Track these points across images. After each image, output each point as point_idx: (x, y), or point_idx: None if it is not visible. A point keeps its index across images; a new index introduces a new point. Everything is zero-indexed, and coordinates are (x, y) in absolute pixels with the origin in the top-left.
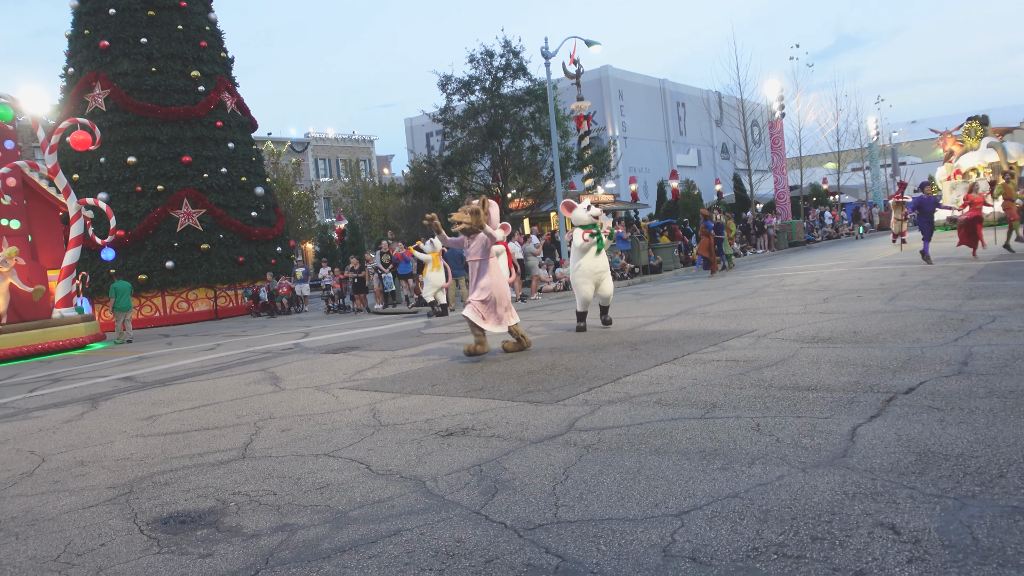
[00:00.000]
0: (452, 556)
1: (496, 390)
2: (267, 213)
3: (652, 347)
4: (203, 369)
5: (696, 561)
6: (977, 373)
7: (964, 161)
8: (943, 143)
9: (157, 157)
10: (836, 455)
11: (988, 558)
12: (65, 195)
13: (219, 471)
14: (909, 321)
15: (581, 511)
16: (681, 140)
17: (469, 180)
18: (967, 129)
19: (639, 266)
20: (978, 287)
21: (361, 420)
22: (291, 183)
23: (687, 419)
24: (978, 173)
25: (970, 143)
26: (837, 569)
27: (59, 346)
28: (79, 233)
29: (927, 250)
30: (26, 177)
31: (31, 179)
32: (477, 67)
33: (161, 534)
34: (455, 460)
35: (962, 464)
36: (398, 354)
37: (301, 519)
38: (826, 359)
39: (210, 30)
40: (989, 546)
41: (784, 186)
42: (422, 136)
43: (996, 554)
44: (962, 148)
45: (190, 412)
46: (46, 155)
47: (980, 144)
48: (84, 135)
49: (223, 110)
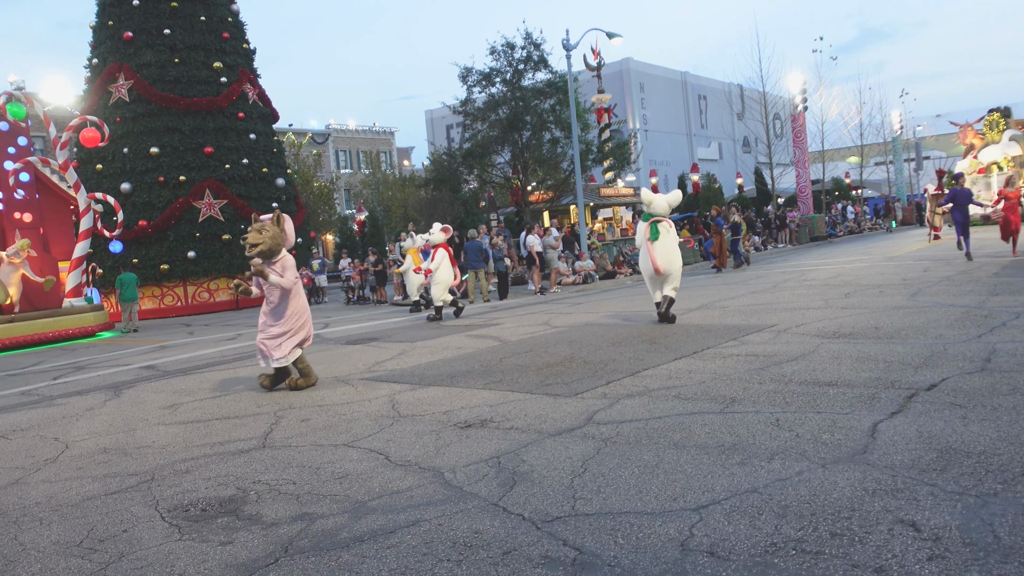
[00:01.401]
0: (470, 547)
1: (515, 382)
2: (288, 204)
3: (671, 341)
4: (224, 359)
5: (714, 555)
6: (1000, 370)
7: (985, 155)
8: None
9: (179, 148)
10: (856, 451)
11: (1010, 556)
12: (75, 189)
13: (239, 460)
14: (931, 317)
15: (599, 504)
16: (702, 133)
17: (489, 172)
18: (988, 121)
19: None
20: (1002, 283)
21: (380, 411)
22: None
23: (706, 413)
24: (1000, 168)
25: (991, 136)
26: (856, 565)
27: (69, 334)
28: (88, 226)
29: (968, 248)
30: (38, 172)
31: (43, 174)
32: (498, 59)
33: (182, 521)
34: (473, 452)
35: (984, 462)
36: (417, 346)
37: (320, 508)
38: (847, 355)
39: (232, 21)
40: (1011, 544)
41: (806, 180)
42: (442, 128)
43: (1018, 553)
44: (983, 141)
45: (211, 401)
46: (57, 151)
47: (1002, 137)
48: (93, 132)
49: (245, 101)
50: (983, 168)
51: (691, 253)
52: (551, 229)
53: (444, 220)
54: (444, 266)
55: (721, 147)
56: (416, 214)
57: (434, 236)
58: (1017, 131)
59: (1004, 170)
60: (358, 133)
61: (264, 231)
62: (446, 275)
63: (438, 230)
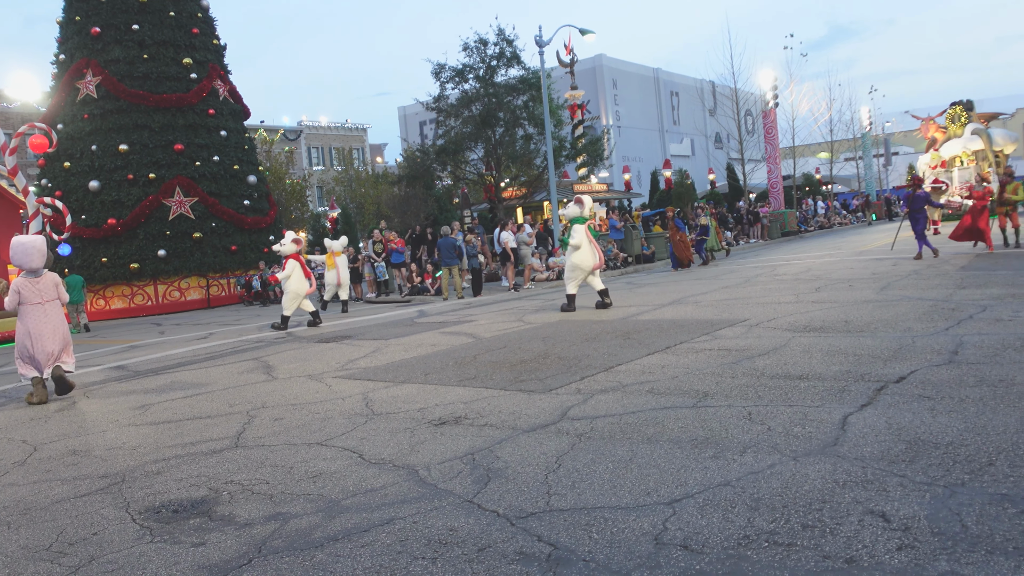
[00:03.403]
0: (445, 544)
1: (489, 379)
2: (260, 201)
3: (645, 336)
4: (196, 358)
5: (688, 549)
6: (967, 362)
7: (947, 149)
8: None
9: (149, 145)
10: (827, 443)
11: (977, 545)
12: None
13: (212, 460)
14: (900, 310)
15: (573, 499)
16: (675, 130)
17: (463, 169)
18: (950, 115)
19: (632, 256)
20: (969, 277)
21: (354, 409)
22: (284, 171)
23: (679, 408)
24: (961, 162)
25: (953, 130)
26: (828, 557)
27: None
28: (38, 230)
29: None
30: None
31: None
32: (471, 55)
33: (154, 523)
34: (448, 449)
35: (952, 452)
36: (391, 343)
37: (294, 508)
38: (818, 348)
39: (202, 17)
40: (978, 533)
41: (777, 176)
42: (415, 125)
43: (985, 541)
44: (945, 135)
45: (182, 401)
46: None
47: (964, 131)
48: (41, 139)
49: (215, 98)
50: (945, 162)
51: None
52: (524, 225)
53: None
54: (296, 276)
55: (693, 143)
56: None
57: (284, 247)
58: (979, 125)
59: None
60: (330, 130)
61: None
62: (297, 286)
63: (289, 240)
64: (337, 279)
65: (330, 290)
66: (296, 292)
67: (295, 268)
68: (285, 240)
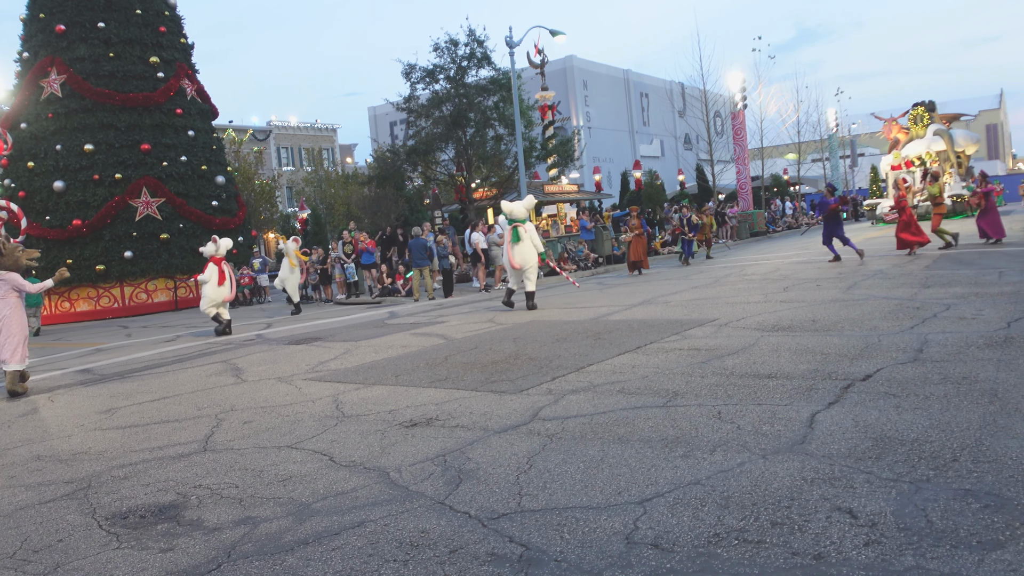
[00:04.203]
0: (416, 547)
1: (460, 380)
2: (228, 202)
3: (615, 336)
4: (163, 361)
5: (658, 548)
6: (932, 360)
7: (910, 149)
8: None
9: (115, 144)
10: (795, 441)
11: (942, 540)
12: None
13: (180, 464)
14: (866, 309)
15: (545, 500)
16: (645, 131)
17: (433, 169)
18: (913, 116)
19: (603, 256)
20: (933, 276)
21: (324, 411)
22: (253, 172)
23: (650, 408)
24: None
25: (916, 130)
26: (796, 553)
27: None
28: None
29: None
30: None
31: None
32: (441, 56)
33: (120, 529)
34: (419, 451)
35: (917, 449)
36: (361, 345)
37: (264, 512)
38: (786, 347)
39: (169, 15)
40: (943, 528)
41: (746, 176)
42: (386, 125)
43: (949, 536)
44: (908, 136)
45: (150, 405)
46: None
47: (926, 132)
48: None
49: (183, 97)
50: (909, 162)
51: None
52: (495, 226)
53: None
54: (214, 281)
55: (663, 144)
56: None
57: (207, 248)
58: (941, 126)
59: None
60: (300, 130)
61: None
62: (211, 291)
63: (213, 244)
64: (300, 278)
65: (297, 290)
66: (211, 297)
67: (214, 273)
68: (221, 243)
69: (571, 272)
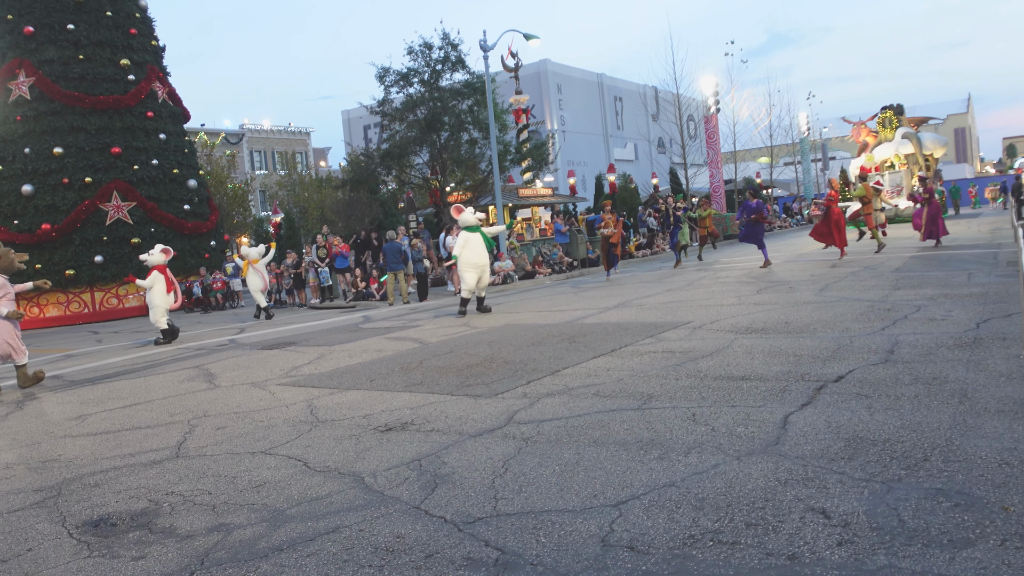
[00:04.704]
0: (392, 552)
1: (435, 384)
2: (200, 206)
3: (590, 339)
4: (134, 367)
5: (634, 550)
6: (903, 361)
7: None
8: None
9: (85, 148)
10: (769, 443)
11: (914, 539)
12: None
13: (152, 471)
14: (838, 311)
15: (520, 504)
16: (619, 134)
17: (407, 173)
18: (881, 119)
19: (577, 259)
20: (904, 278)
21: (298, 416)
22: (225, 175)
23: (625, 410)
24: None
25: (884, 134)
26: (771, 554)
27: None
28: None
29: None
30: None
31: None
32: (416, 59)
33: (91, 537)
34: (394, 455)
35: (889, 449)
36: (335, 349)
37: (237, 518)
38: (759, 349)
39: (140, 17)
40: (915, 527)
41: (719, 180)
42: (360, 129)
43: (921, 535)
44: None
45: (121, 411)
46: None
47: (895, 135)
48: None
49: (154, 100)
50: (878, 166)
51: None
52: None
53: (362, 221)
54: (157, 289)
55: (637, 148)
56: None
57: (152, 257)
58: (909, 129)
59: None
60: (273, 133)
61: None
62: (159, 299)
63: (158, 251)
64: (263, 284)
65: (261, 297)
66: (158, 305)
67: (158, 280)
68: (155, 250)
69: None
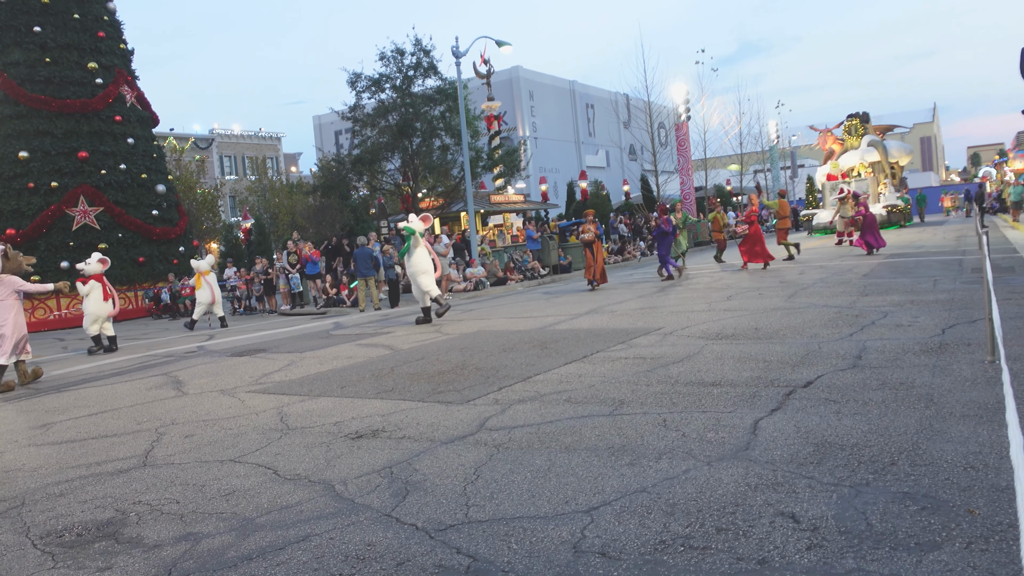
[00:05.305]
0: (363, 560)
1: (406, 391)
2: (169, 211)
3: (562, 346)
4: (101, 374)
5: (606, 556)
6: (870, 366)
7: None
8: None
9: (51, 152)
10: (739, 448)
11: (881, 542)
12: None
13: (118, 480)
14: (807, 317)
15: (492, 510)
16: (590, 141)
17: (379, 179)
18: (847, 127)
19: (549, 266)
20: (871, 284)
21: (268, 424)
22: (195, 181)
23: (596, 416)
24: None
25: (851, 141)
26: (741, 559)
27: None
28: None
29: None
30: None
31: None
32: (387, 65)
33: (56, 548)
34: (365, 463)
35: (857, 453)
36: (306, 356)
37: (206, 527)
38: (729, 355)
39: (108, 20)
40: (882, 531)
41: (690, 187)
42: (331, 134)
43: (888, 538)
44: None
45: (87, 419)
46: None
47: (861, 143)
48: None
49: (122, 104)
50: (844, 173)
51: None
52: (442, 236)
53: (333, 227)
54: (94, 296)
55: (608, 155)
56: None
57: (89, 267)
58: (875, 137)
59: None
60: (243, 138)
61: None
62: (95, 307)
63: (95, 260)
64: (211, 297)
65: (201, 308)
66: (95, 314)
67: (94, 288)
68: (91, 259)
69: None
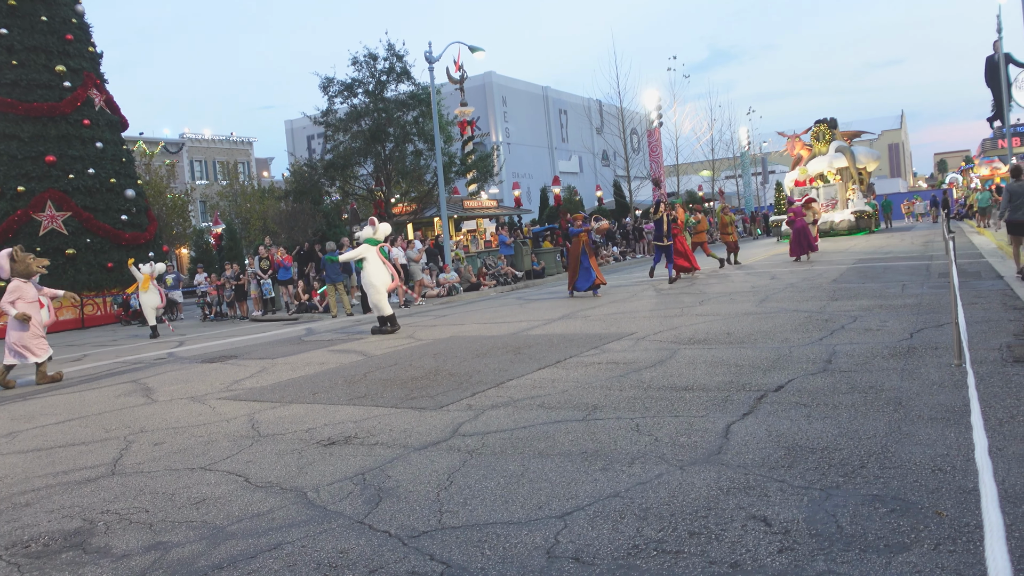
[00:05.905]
0: (335, 568)
1: (379, 397)
2: (138, 216)
3: (535, 351)
4: (69, 381)
5: (579, 561)
6: (840, 370)
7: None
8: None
9: (18, 156)
10: (711, 452)
11: (852, 544)
12: None
13: (86, 489)
14: (778, 322)
15: (465, 516)
16: (563, 147)
17: (352, 184)
18: (815, 133)
19: (522, 271)
20: (841, 289)
21: (239, 431)
22: (165, 185)
23: (569, 421)
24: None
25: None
26: (713, 562)
27: None
28: None
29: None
30: None
31: None
32: (360, 70)
33: (22, 559)
34: (337, 469)
35: (827, 457)
36: (278, 362)
37: (176, 536)
38: (702, 360)
39: (77, 23)
40: (852, 533)
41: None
42: (303, 139)
43: (859, 540)
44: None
45: (54, 427)
46: None
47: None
48: None
49: (91, 107)
50: (812, 179)
51: (555, 263)
52: (415, 241)
53: (305, 232)
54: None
55: (581, 160)
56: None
57: None
58: (843, 143)
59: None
60: (215, 143)
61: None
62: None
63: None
64: (160, 302)
65: (152, 313)
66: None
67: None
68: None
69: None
